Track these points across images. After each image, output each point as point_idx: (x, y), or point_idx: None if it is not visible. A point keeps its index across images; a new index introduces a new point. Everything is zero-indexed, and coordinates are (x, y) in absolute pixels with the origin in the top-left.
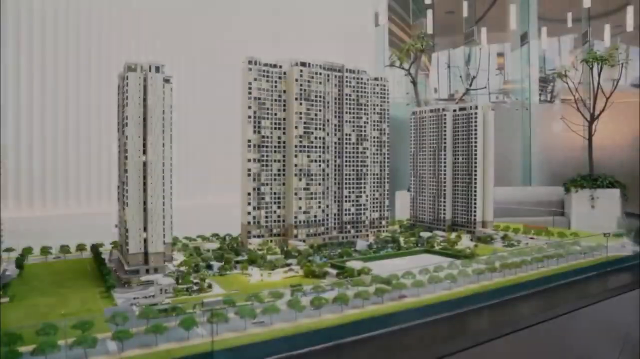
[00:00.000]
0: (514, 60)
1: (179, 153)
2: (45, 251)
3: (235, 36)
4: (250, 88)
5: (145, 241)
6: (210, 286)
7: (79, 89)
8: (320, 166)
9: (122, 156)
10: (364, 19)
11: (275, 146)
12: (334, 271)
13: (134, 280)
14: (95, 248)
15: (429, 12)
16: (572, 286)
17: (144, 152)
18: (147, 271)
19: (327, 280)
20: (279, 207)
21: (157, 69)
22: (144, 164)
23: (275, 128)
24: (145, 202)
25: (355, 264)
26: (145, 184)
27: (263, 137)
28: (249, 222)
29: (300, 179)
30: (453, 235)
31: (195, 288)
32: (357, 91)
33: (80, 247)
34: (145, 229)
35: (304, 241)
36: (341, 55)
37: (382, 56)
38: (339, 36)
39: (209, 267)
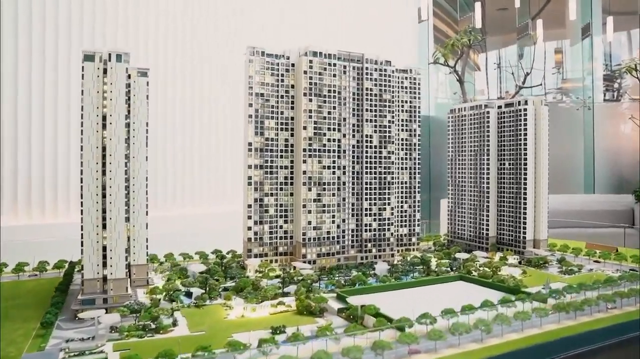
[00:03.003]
0: (573, 57)
1: (184, 156)
2: (19, 268)
3: (271, 31)
4: (251, 83)
5: (104, 264)
6: (175, 324)
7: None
8: (334, 173)
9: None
10: (407, 14)
11: (281, 150)
12: (334, 306)
13: (85, 313)
14: (72, 267)
15: (478, 5)
16: None
17: (103, 156)
18: (105, 301)
19: (323, 319)
20: (285, 222)
21: (119, 58)
22: (103, 171)
23: (281, 129)
24: (104, 218)
25: (358, 301)
26: (104, 195)
27: (267, 139)
28: (249, 239)
29: (309, 189)
30: (497, 256)
31: (153, 326)
32: (380, 85)
33: (59, 265)
34: (104, 249)
35: (313, 261)
36: (382, 53)
37: (426, 53)
38: (380, 33)
39: (188, 295)
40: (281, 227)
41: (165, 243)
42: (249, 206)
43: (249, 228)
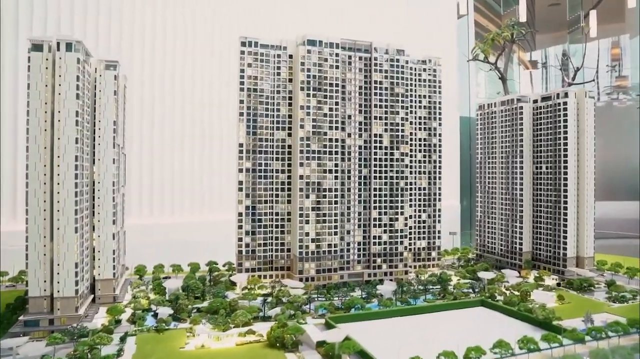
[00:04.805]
0: (633, 51)
1: (196, 161)
2: None
3: (297, 25)
4: (242, 77)
5: (52, 280)
6: (120, 353)
7: None
8: (336, 177)
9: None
10: (446, 9)
11: (277, 152)
12: (315, 337)
13: (5, 341)
14: None
15: None
16: None
17: (51, 157)
18: (52, 322)
19: (295, 355)
20: (282, 233)
21: (69, 47)
22: (51, 175)
23: (277, 128)
24: (51, 227)
25: (348, 331)
26: (52, 201)
27: (260, 140)
28: (240, 252)
29: (307, 196)
30: (532, 276)
31: (89, 356)
32: (392, 77)
33: None
34: (51, 263)
35: (312, 278)
36: (421, 50)
37: (466, 51)
38: (418, 30)
39: (156, 315)
40: (276, 238)
41: (165, 252)
42: (239, 214)
43: (240, 239)
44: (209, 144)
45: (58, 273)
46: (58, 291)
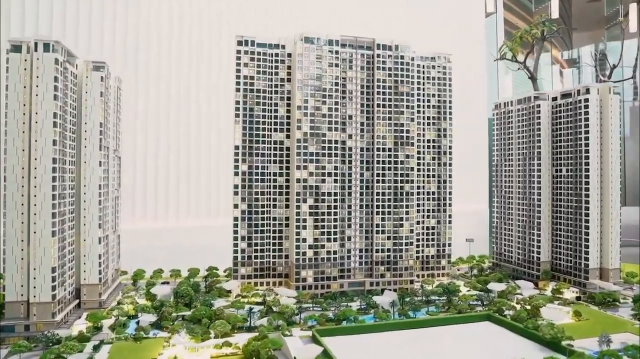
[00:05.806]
0: None
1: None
2: None
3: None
4: (239, 77)
5: (28, 285)
6: None
7: None
8: (336, 181)
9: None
10: (474, 8)
11: (274, 154)
12: (292, 353)
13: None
14: None
15: None
16: None
17: (29, 159)
18: (28, 328)
19: None
20: (279, 238)
21: (48, 47)
22: (29, 178)
23: (275, 130)
24: (29, 230)
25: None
26: (28, 203)
27: (257, 141)
28: (235, 258)
29: (304, 200)
30: (549, 288)
31: None
32: (396, 75)
33: None
34: (28, 267)
35: (309, 287)
36: (449, 50)
37: (495, 49)
38: (446, 30)
39: (138, 322)
40: (274, 244)
41: (171, 256)
42: (235, 219)
43: (235, 245)
44: (225, 145)
45: (34, 278)
46: (34, 296)
